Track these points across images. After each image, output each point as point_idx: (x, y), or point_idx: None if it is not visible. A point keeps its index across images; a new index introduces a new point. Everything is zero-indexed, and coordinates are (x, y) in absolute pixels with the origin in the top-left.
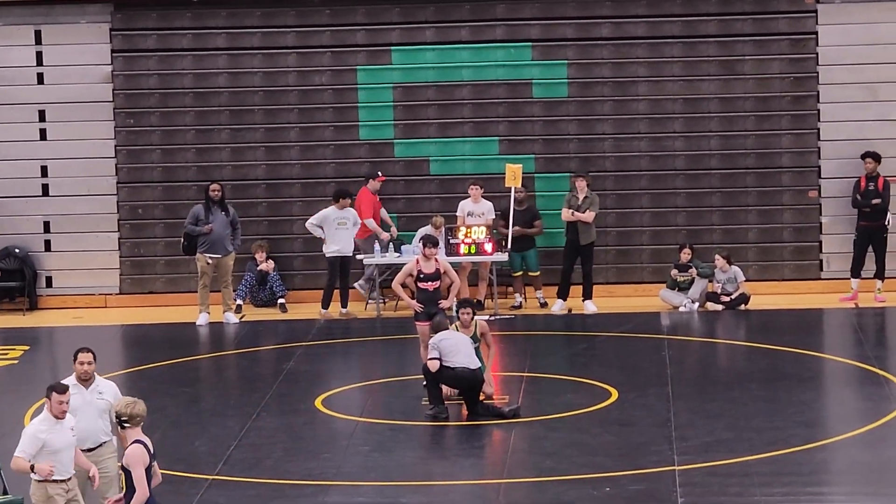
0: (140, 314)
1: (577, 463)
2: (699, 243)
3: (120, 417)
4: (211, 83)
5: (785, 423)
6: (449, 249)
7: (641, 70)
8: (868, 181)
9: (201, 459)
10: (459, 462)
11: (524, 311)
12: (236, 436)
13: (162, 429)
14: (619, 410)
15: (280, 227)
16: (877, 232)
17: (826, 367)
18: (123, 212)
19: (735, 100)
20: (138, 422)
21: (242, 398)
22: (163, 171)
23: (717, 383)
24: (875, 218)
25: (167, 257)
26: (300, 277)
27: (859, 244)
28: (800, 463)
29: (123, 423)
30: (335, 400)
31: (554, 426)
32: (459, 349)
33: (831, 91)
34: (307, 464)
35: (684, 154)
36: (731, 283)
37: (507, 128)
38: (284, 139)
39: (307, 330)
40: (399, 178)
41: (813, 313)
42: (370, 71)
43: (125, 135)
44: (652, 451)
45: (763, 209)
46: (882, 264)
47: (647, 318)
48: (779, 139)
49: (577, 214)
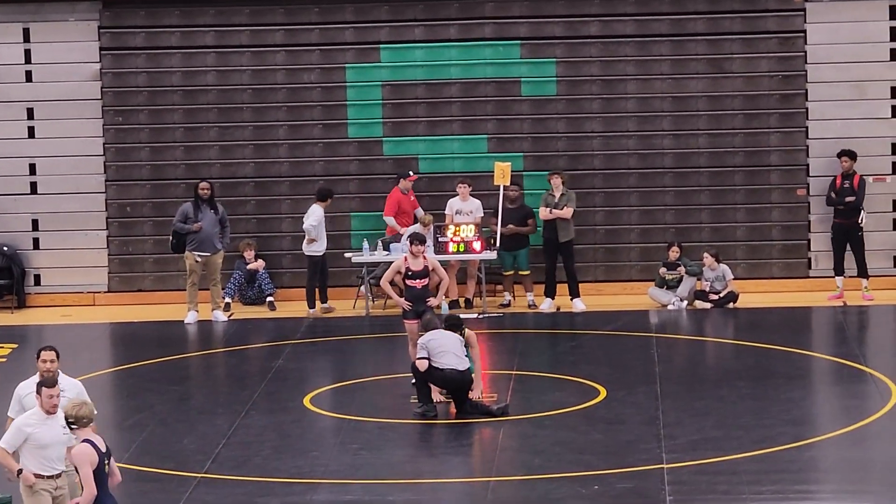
0: (128, 312)
1: (565, 461)
2: (688, 241)
3: (67, 419)
4: (199, 81)
5: (773, 422)
6: (437, 247)
7: (630, 68)
8: (844, 179)
9: (190, 457)
10: (448, 460)
11: (512, 309)
12: (225, 434)
13: (150, 427)
14: (608, 409)
15: (268, 225)
16: (851, 230)
17: (814, 365)
18: (112, 210)
19: (723, 98)
20: (85, 423)
21: (231, 396)
22: (151, 168)
23: (706, 381)
24: (849, 216)
25: (156, 255)
26: (289, 275)
27: (836, 242)
28: (788, 461)
29: (71, 425)
30: (324, 398)
31: (542, 424)
32: (447, 349)
33: (819, 89)
34: (295, 462)
35: (673, 152)
36: (720, 282)
37: (496, 126)
38: (273, 137)
39: (296, 328)
40: (387, 175)
41: (801, 311)
42: (359, 69)
43: (114, 132)
44: (640, 449)
45: (751, 207)
46: (862, 263)
47: (636, 316)
48: (767, 137)
49: (555, 212)
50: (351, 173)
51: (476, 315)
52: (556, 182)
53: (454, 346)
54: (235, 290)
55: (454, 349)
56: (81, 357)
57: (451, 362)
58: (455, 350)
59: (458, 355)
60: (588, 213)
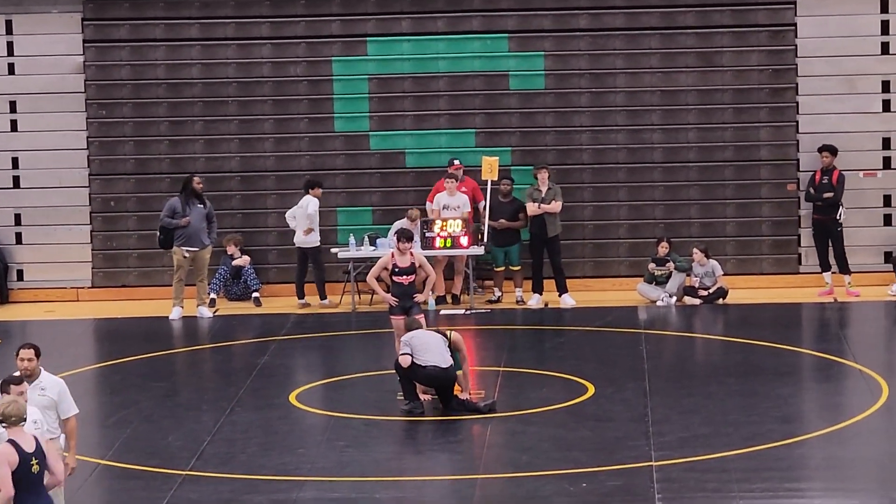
0: (112, 308)
1: (553, 458)
2: (677, 237)
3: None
4: (184, 74)
5: (763, 419)
6: (424, 243)
7: (619, 62)
8: (823, 174)
9: (175, 454)
10: (435, 457)
11: (501, 305)
12: (210, 431)
13: (135, 424)
14: (596, 405)
15: (254, 219)
16: (830, 225)
17: (804, 361)
18: (96, 204)
19: (713, 92)
20: (14, 422)
21: (217, 393)
22: (135, 162)
23: (695, 378)
24: (827, 212)
25: (140, 250)
26: (274, 271)
27: (817, 238)
28: (778, 458)
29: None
30: (310, 395)
31: (530, 421)
32: (430, 347)
33: (810, 83)
34: (281, 459)
35: (662, 146)
36: (709, 277)
37: (484, 120)
38: (259, 131)
39: (282, 324)
40: (374, 170)
41: (791, 307)
42: (345, 62)
43: (97, 126)
44: (629, 446)
45: (741, 202)
46: (843, 259)
47: (625, 312)
48: (757, 132)
49: (543, 206)
50: (337, 167)
51: (463, 311)
52: (542, 177)
53: (437, 345)
54: (221, 285)
55: (437, 347)
56: (65, 353)
57: (433, 359)
58: (438, 348)
59: (441, 353)
60: (577, 208)
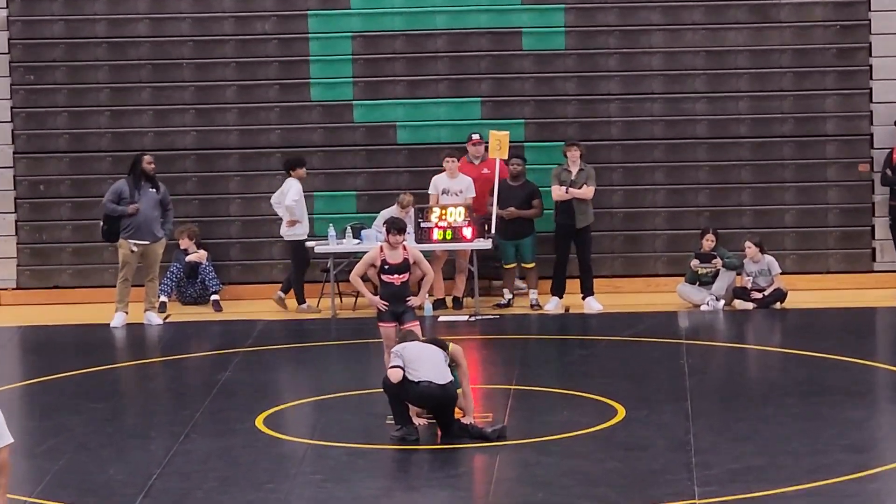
0: (43, 313)
1: (575, 495)
2: (725, 228)
3: None
4: (129, 31)
5: (829, 447)
6: (420, 235)
7: (655, 16)
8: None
9: (116, 490)
10: (432, 494)
11: (513, 310)
12: (160, 462)
13: (69, 454)
14: (627, 431)
15: (213, 207)
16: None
17: (879, 378)
18: (22, 188)
19: (769, 53)
20: None
21: (168, 416)
22: (70, 138)
23: (747, 398)
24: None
25: (76, 244)
26: (237, 269)
27: (894, 230)
28: (847, 495)
29: None
30: (281, 418)
31: (547, 450)
32: (424, 358)
33: (886, 43)
34: (246, 496)
35: (707, 119)
36: (764, 277)
37: (491, 87)
38: (219, 100)
39: (247, 333)
40: (359, 147)
41: (863, 313)
42: (324, 17)
43: (24, 94)
44: (667, 480)
45: (803, 186)
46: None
47: (662, 318)
48: (822, 101)
49: (572, 191)
50: (314, 144)
51: (467, 317)
52: (573, 155)
53: (433, 357)
54: (173, 286)
55: (433, 360)
56: None
57: (428, 374)
58: (434, 361)
59: (437, 367)
60: (604, 192)
